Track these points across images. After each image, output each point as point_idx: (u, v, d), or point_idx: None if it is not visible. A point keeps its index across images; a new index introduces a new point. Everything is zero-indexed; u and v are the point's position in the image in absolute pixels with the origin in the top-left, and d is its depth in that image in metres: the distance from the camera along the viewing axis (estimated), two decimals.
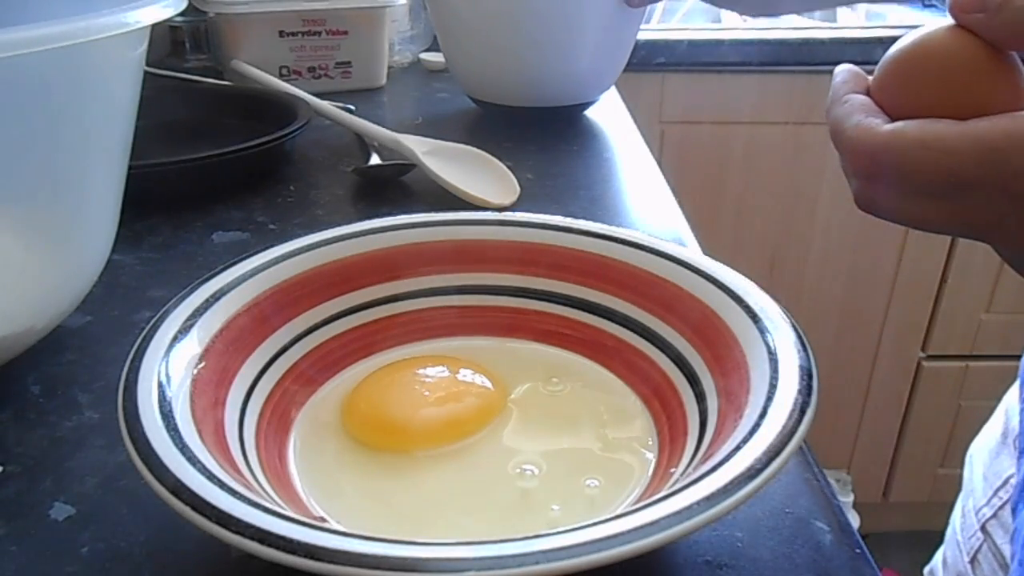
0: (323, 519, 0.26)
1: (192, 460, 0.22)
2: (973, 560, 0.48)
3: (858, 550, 0.27)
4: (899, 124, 0.27)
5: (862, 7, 1.45)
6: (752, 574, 0.26)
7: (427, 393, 0.32)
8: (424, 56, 0.98)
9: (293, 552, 0.19)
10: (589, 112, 0.76)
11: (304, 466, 0.29)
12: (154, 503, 0.26)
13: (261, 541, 0.20)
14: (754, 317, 0.29)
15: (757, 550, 0.27)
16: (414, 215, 0.36)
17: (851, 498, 1.46)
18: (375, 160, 0.60)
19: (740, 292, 0.30)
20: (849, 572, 0.26)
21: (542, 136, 0.69)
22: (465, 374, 0.32)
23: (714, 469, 0.22)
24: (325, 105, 0.67)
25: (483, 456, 0.30)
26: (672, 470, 0.27)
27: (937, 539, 0.56)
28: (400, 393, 0.32)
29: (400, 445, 0.30)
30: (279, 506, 0.23)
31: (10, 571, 0.26)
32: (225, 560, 0.26)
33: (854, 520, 1.49)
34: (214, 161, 0.54)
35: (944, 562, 0.53)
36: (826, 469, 0.30)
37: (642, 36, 0.79)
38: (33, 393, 0.35)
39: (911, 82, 0.29)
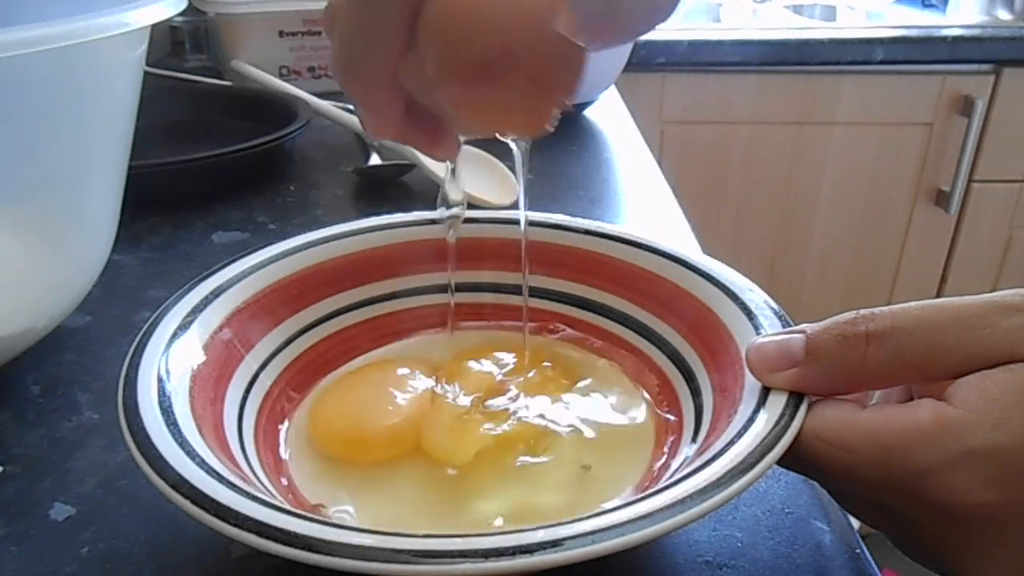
0: (321, 505, 0.26)
1: (191, 454, 0.22)
2: None
3: (858, 550, 0.27)
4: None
5: (862, 7, 1.45)
6: (752, 574, 0.26)
7: (387, 402, 0.31)
8: None
9: (291, 544, 0.19)
10: (589, 112, 0.76)
11: (302, 461, 0.29)
12: (154, 504, 0.26)
13: (259, 534, 0.20)
14: (749, 313, 0.29)
15: (757, 550, 0.27)
16: (413, 213, 0.36)
17: None
18: (375, 160, 0.60)
19: (735, 288, 0.30)
20: (849, 572, 0.26)
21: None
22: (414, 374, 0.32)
23: (708, 463, 0.22)
24: (325, 105, 0.67)
25: (485, 451, 0.30)
26: (667, 465, 0.27)
27: None
28: (357, 407, 0.31)
29: (362, 457, 0.30)
30: (277, 500, 0.23)
31: (10, 571, 0.26)
32: (225, 560, 0.26)
33: (854, 520, 1.49)
34: (214, 161, 0.54)
35: None
36: None
37: (642, 36, 0.78)
38: (33, 393, 0.35)
39: None
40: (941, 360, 0.23)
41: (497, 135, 0.25)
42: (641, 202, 0.58)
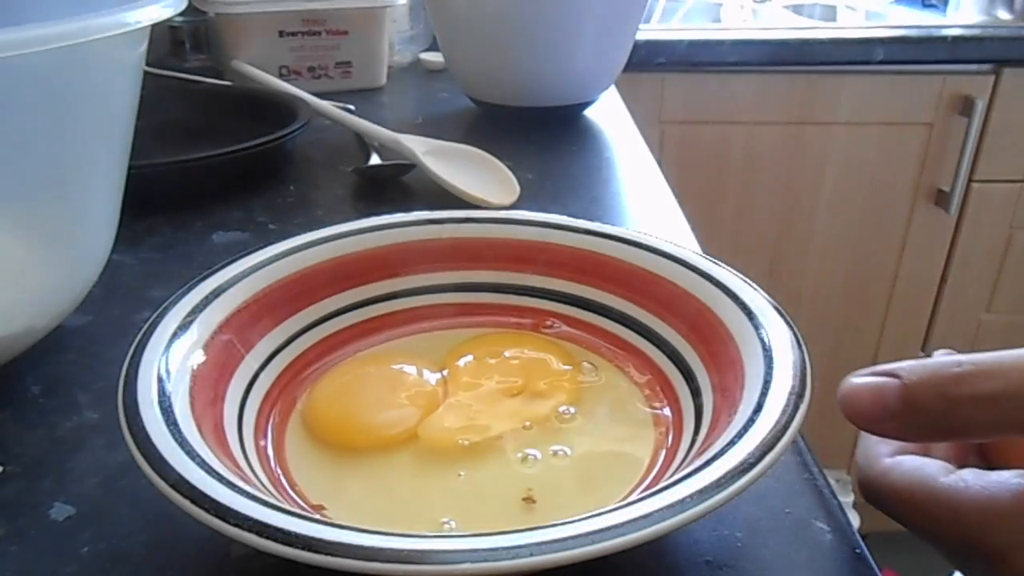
0: (321, 506, 0.26)
1: (191, 454, 0.22)
2: None
3: (858, 550, 0.27)
4: (893, 461, 0.25)
5: (862, 7, 1.45)
6: (752, 574, 0.26)
7: (381, 393, 0.32)
8: (424, 56, 0.98)
9: (291, 544, 0.19)
10: (589, 112, 0.76)
11: (303, 461, 0.29)
12: (154, 503, 0.26)
13: (259, 533, 0.20)
14: (748, 313, 0.29)
15: (757, 550, 0.27)
16: (413, 213, 0.36)
17: (851, 498, 1.45)
18: (375, 160, 0.60)
19: (735, 288, 0.30)
20: (849, 572, 0.26)
21: (542, 136, 0.69)
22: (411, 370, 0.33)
23: (708, 463, 0.22)
24: (325, 105, 0.67)
25: (483, 447, 0.30)
26: (667, 465, 0.27)
27: None
28: (352, 395, 0.32)
29: (348, 441, 0.30)
30: (278, 500, 0.23)
31: (10, 571, 0.26)
32: (225, 560, 0.26)
33: (854, 520, 1.48)
34: (214, 161, 0.54)
35: None
36: (826, 469, 0.30)
37: (642, 36, 0.79)
38: (33, 393, 0.35)
39: None
40: None
41: None
42: (641, 202, 0.58)
